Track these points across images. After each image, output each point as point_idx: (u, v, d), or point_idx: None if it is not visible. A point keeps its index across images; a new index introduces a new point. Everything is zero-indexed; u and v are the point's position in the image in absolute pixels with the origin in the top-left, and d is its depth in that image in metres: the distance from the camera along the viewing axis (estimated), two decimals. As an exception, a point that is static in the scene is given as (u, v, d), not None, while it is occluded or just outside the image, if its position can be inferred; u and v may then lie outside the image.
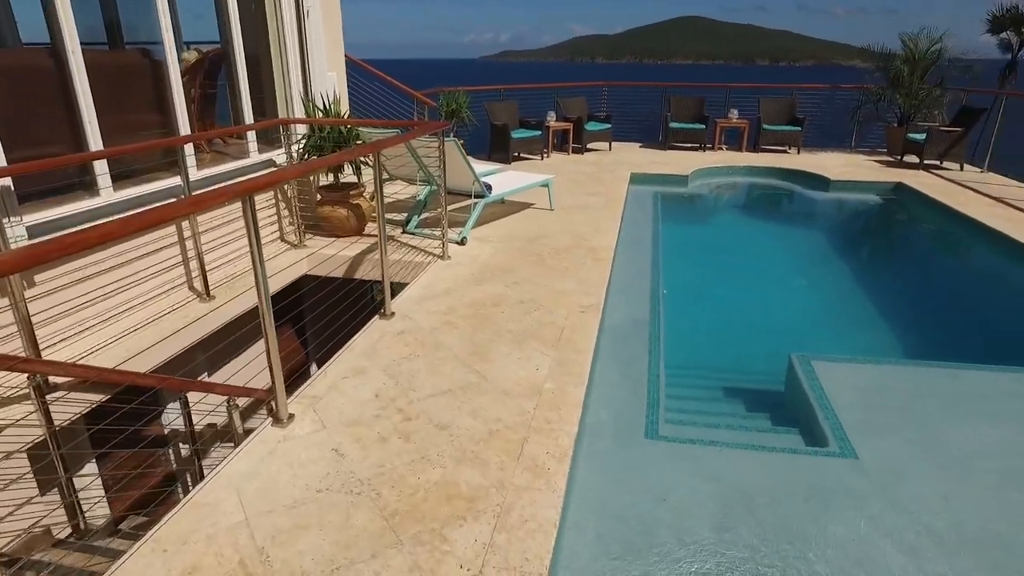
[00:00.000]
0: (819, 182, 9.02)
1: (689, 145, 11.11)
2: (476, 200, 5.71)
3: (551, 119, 10.44)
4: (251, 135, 5.44)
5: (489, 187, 5.80)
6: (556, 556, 2.16)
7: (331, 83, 6.07)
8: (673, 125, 10.92)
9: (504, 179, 6.48)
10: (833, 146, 11.32)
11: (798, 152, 10.73)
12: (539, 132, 10.09)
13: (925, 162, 9.44)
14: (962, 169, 9.30)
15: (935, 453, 3.02)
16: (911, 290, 6.07)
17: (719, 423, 3.50)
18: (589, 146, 10.86)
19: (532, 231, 5.93)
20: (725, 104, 11.32)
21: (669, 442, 3.12)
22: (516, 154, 9.95)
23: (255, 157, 5.46)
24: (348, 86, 6.87)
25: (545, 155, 10.24)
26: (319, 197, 5.60)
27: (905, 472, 2.86)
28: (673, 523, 2.55)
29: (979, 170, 9.22)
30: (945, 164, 9.49)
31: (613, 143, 11.13)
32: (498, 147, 9.83)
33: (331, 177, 5.70)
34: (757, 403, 3.93)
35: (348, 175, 5.83)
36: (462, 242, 5.45)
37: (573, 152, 10.62)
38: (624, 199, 7.30)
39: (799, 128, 10.64)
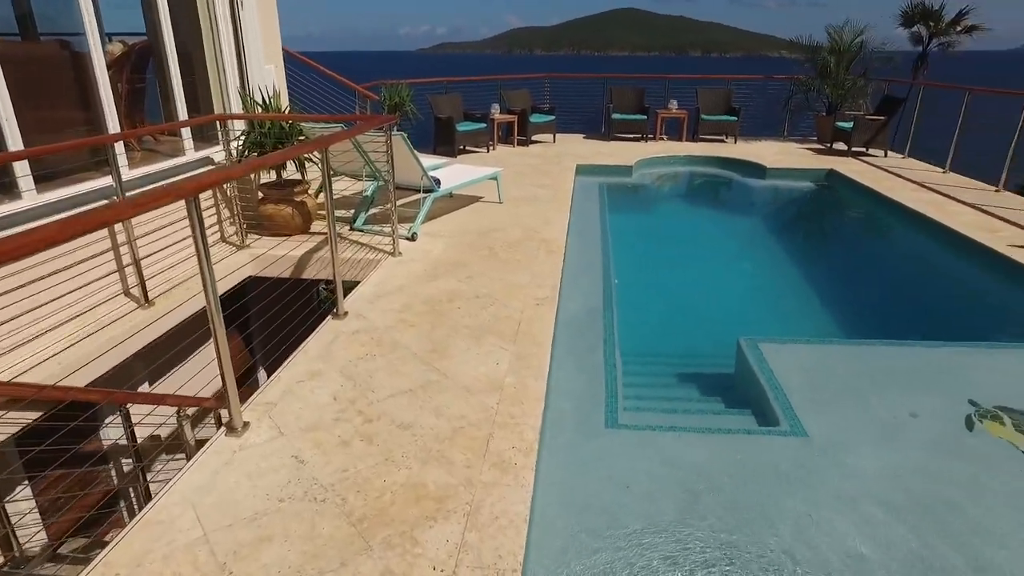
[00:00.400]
0: (757, 170, 9.34)
1: (631, 136, 11.31)
2: (425, 195, 5.64)
3: (495, 112, 10.41)
4: (186, 132, 5.19)
5: (438, 181, 5.73)
6: (528, 550, 2.17)
7: (269, 77, 5.86)
8: (615, 116, 11.08)
9: (452, 173, 6.42)
10: (767, 135, 11.74)
11: (735, 141, 11.08)
12: (484, 125, 10.05)
13: (853, 149, 9.91)
14: (886, 155, 9.82)
15: (876, 426, 3.18)
16: (848, 272, 6.36)
17: (675, 408, 3.58)
18: (534, 138, 10.90)
19: (483, 225, 5.90)
20: (664, 95, 11.58)
21: (629, 430, 3.17)
22: (462, 147, 9.88)
23: (191, 155, 5.21)
24: (286, 80, 6.65)
25: (491, 148, 10.22)
26: (260, 195, 5.40)
27: (851, 446, 3.00)
28: (638, 509, 2.59)
29: (901, 156, 9.76)
30: (871, 151, 9.99)
31: (557, 135, 11.21)
32: (443, 140, 9.74)
33: (273, 174, 5.51)
34: (710, 387, 4.04)
35: (291, 172, 5.65)
36: (412, 237, 5.37)
37: (518, 144, 10.63)
38: (572, 190, 7.36)
39: (735, 118, 10.98)
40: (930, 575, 2.27)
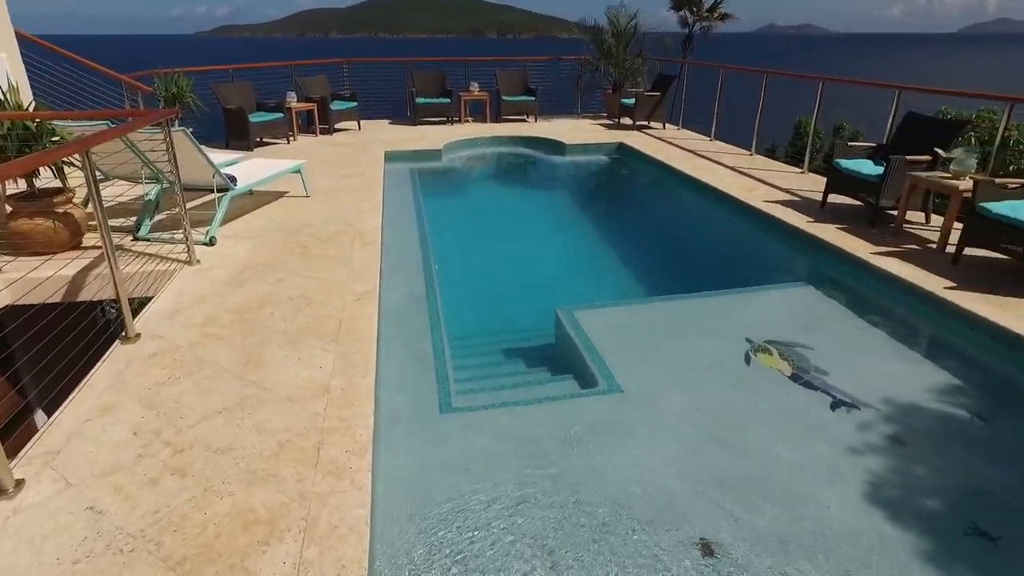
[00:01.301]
0: (557, 147, 9.89)
1: (437, 119, 11.35)
2: (220, 194, 5.16)
3: (292, 100, 9.80)
4: None
5: (233, 179, 5.27)
6: (372, 553, 2.12)
7: (1, 67, 4.92)
8: (419, 100, 11.02)
9: (249, 168, 5.94)
10: (563, 113, 12.48)
11: (535, 120, 11.63)
12: (281, 114, 9.44)
13: (637, 123, 10.92)
14: (664, 128, 10.96)
15: (678, 373, 3.59)
16: (643, 235, 7.02)
17: (505, 384, 3.71)
18: (337, 126, 10.48)
19: (292, 221, 5.56)
20: (466, 77, 11.76)
21: (463, 412, 3.23)
22: (259, 139, 9.19)
23: (-100, 166, 4.21)
24: (27, 70, 5.63)
25: (291, 139, 9.63)
26: (9, 209, 4.55)
27: (660, 395, 3.35)
28: (479, 489, 2.65)
29: (676, 127, 10.97)
30: (652, 124, 11.09)
31: (362, 122, 10.90)
32: (236, 133, 8.97)
33: (23, 184, 4.67)
34: (535, 358, 4.24)
35: (48, 180, 4.83)
36: (211, 242, 4.90)
37: (321, 133, 10.14)
38: (382, 178, 7.21)
39: (533, 98, 11.51)
40: (731, 491, 2.63)
